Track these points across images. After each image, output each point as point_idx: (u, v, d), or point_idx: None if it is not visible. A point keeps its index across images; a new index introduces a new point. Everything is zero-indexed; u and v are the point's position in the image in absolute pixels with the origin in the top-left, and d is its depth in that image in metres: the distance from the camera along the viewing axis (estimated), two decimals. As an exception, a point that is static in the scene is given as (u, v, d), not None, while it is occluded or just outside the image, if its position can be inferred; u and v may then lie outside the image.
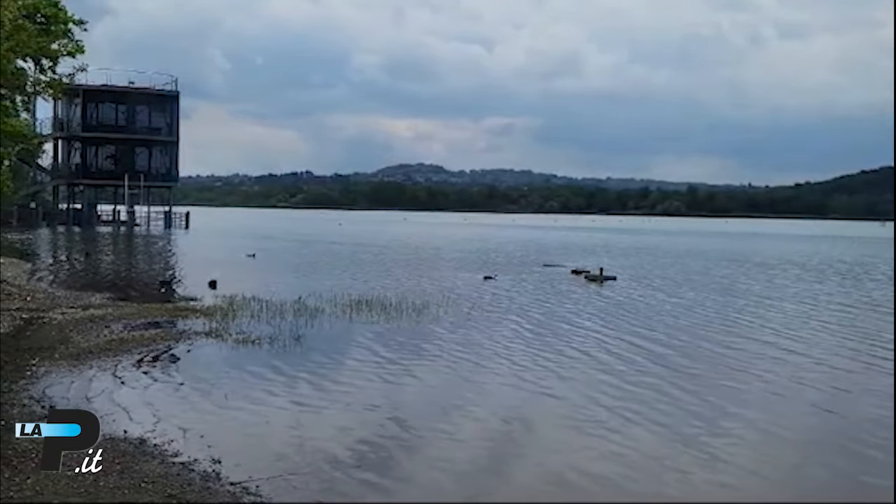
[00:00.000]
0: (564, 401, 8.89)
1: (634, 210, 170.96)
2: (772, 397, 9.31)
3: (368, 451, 6.83)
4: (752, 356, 11.86)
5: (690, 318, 15.98)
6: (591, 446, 7.21)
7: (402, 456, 6.81)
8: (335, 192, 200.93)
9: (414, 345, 11.96)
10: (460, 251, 38.06)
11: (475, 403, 8.65)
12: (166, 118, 57.83)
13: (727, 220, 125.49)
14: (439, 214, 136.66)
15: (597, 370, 10.52)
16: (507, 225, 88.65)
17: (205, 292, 17.70)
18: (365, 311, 15.20)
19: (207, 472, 5.95)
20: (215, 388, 8.88)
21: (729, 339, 13.39)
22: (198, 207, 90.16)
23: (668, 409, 8.46)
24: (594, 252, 38.16)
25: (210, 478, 5.83)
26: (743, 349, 12.52)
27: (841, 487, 6.45)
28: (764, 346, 12.83)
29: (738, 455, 7.02)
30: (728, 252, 41.62)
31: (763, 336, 13.81)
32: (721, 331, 14.33)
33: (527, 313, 15.99)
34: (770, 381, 10.12)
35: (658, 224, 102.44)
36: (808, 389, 9.77)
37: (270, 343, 11.67)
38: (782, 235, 70.28)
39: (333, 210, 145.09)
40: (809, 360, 11.53)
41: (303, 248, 38.12)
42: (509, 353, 11.54)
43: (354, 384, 9.33)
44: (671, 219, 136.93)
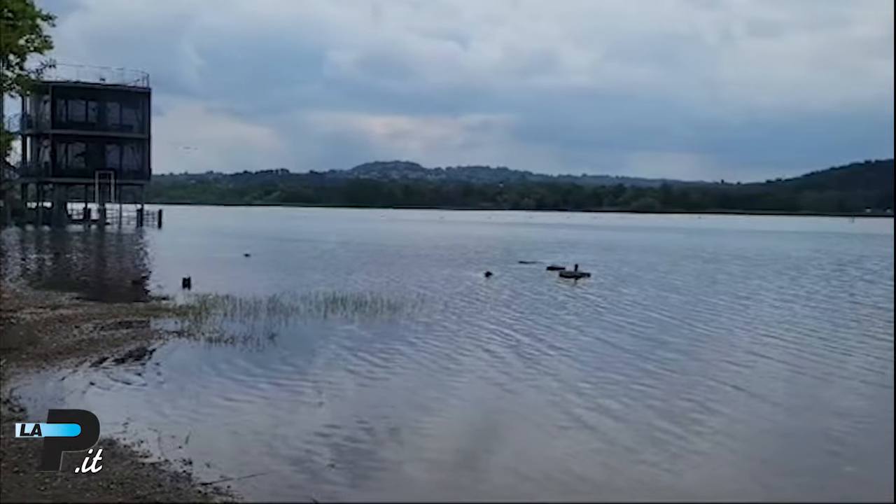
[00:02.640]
0: (539, 398, 8.92)
1: (609, 207, 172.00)
2: (743, 392, 9.41)
3: (342, 450, 6.79)
4: (723, 351, 12.01)
5: (664, 314, 16.10)
6: (566, 443, 7.25)
7: (376, 455, 6.78)
8: (311, 190, 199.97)
9: (388, 343, 11.92)
10: (436, 249, 38.05)
11: (449, 402, 8.66)
12: (138, 115, 57.05)
13: (700, 217, 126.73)
14: (415, 212, 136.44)
15: (571, 367, 10.58)
16: (482, 222, 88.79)
17: (177, 291, 17.50)
18: (340, 309, 15.14)
19: (178, 472, 5.89)
20: (187, 388, 8.79)
21: (699, 335, 13.56)
22: (171, 206, 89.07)
23: (643, 405, 8.53)
24: (569, 249, 38.34)
25: (180, 478, 5.77)
26: (713, 344, 12.68)
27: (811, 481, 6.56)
28: (733, 340, 13.00)
29: (711, 449, 7.12)
30: (698, 248, 42.06)
31: (733, 331, 14.00)
32: (692, 327, 14.46)
33: (502, 311, 16.02)
34: (742, 375, 10.24)
35: (633, 221, 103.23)
36: (779, 384, 9.93)
37: (244, 342, 11.57)
38: (752, 232, 71.15)
39: (309, 208, 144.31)
40: (780, 355, 11.69)
41: (278, 247, 37.88)
42: (483, 351, 11.57)
43: (328, 383, 9.28)
44: (645, 216, 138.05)
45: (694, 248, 42.42)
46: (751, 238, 57.79)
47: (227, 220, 78.99)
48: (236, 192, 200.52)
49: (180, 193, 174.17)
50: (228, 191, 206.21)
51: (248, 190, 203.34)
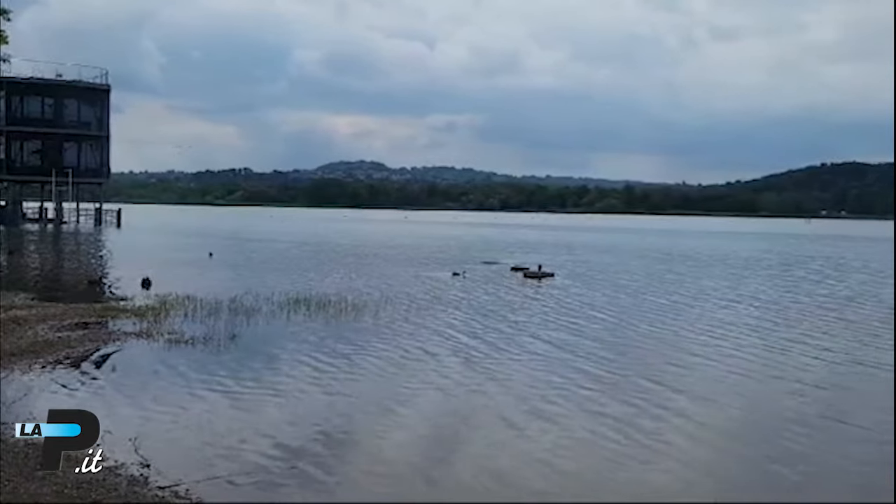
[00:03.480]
0: (503, 397, 8.95)
1: (573, 208, 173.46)
2: (705, 390, 9.58)
3: (304, 451, 6.74)
4: (683, 349, 12.20)
5: (626, 314, 16.31)
6: (530, 442, 7.29)
7: (338, 456, 6.75)
8: (274, 190, 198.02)
9: (352, 343, 11.86)
10: (400, 249, 37.97)
11: (413, 401, 8.65)
12: (96, 112, 55.91)
13: (662, 218, 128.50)
14: (380, 212, 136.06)
15: (535, 367, 10.65)
16: (447, 222, 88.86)
17: (136, 292, 17.20)
18: (303, 309, 15.02)
19: (135, 476, 5.78)
20: (145, 390, 8.64)
21: (661, 334, 13.75)
22: (131, 205, 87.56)
23: (605, 404, 8.61)
24: (534, 249, 38.57)
25: (137, 482, 5.66)
26: (674, 343, 12.87)
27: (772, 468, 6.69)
28: (694, 339, 13.20)
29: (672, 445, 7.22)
30: (657, 249, 42.64)
31: (694, 329, 14.21)
32: (654, 326, 14.66)
33: (466, 311, 16.05)
34: (706, 372, 10.43)
35: (596, 222, 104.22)
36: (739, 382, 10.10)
37: (204, 343, 11.42)
38: (711, 232, 72.33)
39: (273, 207, 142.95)
40: (740, 354, 11.90)
41: (242, 247, 37.45)
42: (448, 351, 11.57)
43: (290, 384, 9.21)
44: (609, 216, 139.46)
45: (653, 249, 43.00)
46: (709, 239, 58.76)
47: (189, 220, 77.79)
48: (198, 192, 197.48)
49: (140, 192, 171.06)
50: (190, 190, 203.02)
51: (210, 189, 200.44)
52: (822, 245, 50.74)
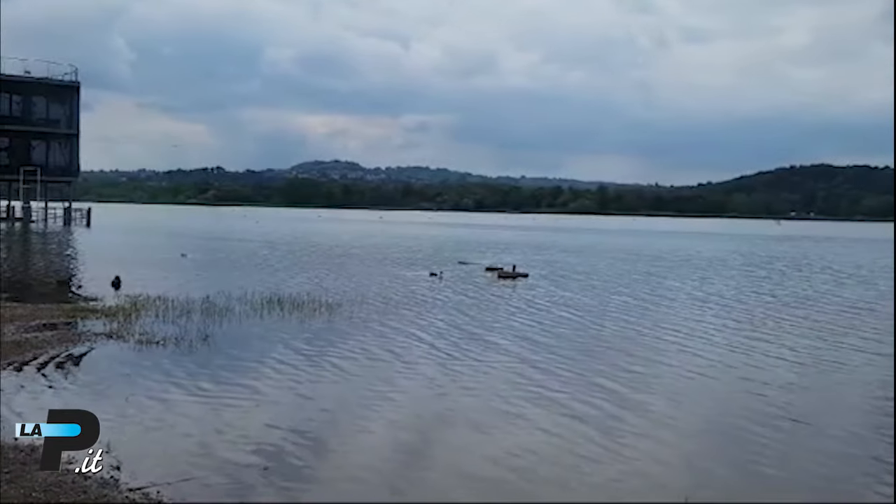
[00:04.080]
0: (476, 398, 8.99)
1: (548, 208, 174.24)
2: (674, 389, 9.70)
3: (277, 452, 6.71)
4: (649, 350, 12.34)
5: (596, 314, 16.44)
6: (501, 442, 7.32)
7: (312, 457, 6.72)
8: (247, 189, 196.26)
9: (325, 344, 11.82)
10: (375, 248, 37.90)
11: (387, 402, 8.63)
12: (66, 110, 54.97)
13: (634, 219, 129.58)
14: (355, 212, 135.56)
15: (507, 368, 10.69)
16: (422, 222, 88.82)
17: (107, 292, 16.98)
18: (276, 309, 14.94)
19: (105, 478, 5.70)
20: (116, 391, 8.54)
21: (629, 334, 13.88)
22: (101, 204, 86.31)
23: (575, 404, 8.68)
24: (508, 250, 38.71)
25: (107, 485, 5.59)
26: (644, 342, 13.00)
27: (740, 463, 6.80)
28: (663, 337, 13.36)
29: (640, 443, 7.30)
30: (630, 249, 43.02)
31: (659, 330, 14.36)
32: (622, 326, 14.80)
33: (439, 311, 16.07)
34: (672, 372, 10.56)
35: (570, 222, 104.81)
36: (707, 381, 10.25)
37: (176, 343, 11.31)
38: (682, 233, 73.10)
39: (246, 207, 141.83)
40: (708, 354, 12.07)
41: (215, 246, 37.10)
42: (422, 351, 11.59)
43: (263, 385, 9.16)
44: (582, 217, 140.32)
45: (624, 249, 43.35)
46: (679, 239, 59.38)
47: (161, 219, 76.90)
48: (169, 191, 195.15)
49: (111, 191, 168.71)
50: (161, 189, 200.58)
51: (182, 188, 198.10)
52: (789, 246, 51.59)
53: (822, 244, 55.58)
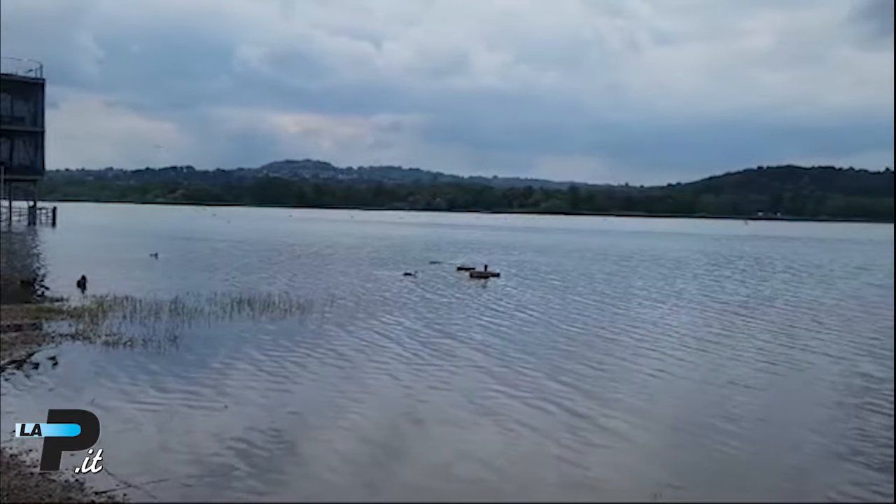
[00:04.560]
0: (447, 397, 9.01)
1: (519, 208, 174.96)
2: (641, 388, 9.79)
3: (247, 454, 6.65)
4: (619, 349, 12.45)
5: (565, 313, 16.53)
6: (473, 440, 7.35)
7: (281, 458, 6.67)
8: (218, 188, 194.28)
9: (296, 345, 11.75)
10: (347, 248, 37.74)
11: (358, 403, 8.59)
12: (30, 107, 53.85)
13: (605, 219, 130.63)
14: (326, 211, 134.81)
15: (479, 366, 10.73)
16: (394, 222, 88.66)
17: (72, 292, 16.69)
18: (247, 310, 14.82)
19: (70, 481, 5.60)
20: (82, 393, 8.41)
21: (599, 333, 13.99)
22: (67, 203, 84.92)
23: (546, 402, 8.74)
24: (480, 249, 38.80)
25: (72, 488, 5.50)
26: (611, 342, 13.10)
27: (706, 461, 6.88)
28: (633, 335, 13.49)
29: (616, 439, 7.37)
30: (601, 249, 43.39)
31: (632, 326, 14.53)
32: (591, 325, 14.90)
33: (412, 311, 16.06)
34: (638, 371, 10.65)
35: (541, 222, 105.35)
36: (673, 380, 10.37)
37: (144, 345, 11.16)
38: (651, 233, 73.90)
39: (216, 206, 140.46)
40: (672, 354, 12.21)
41: (182, 246, 36.64)
42: (394, 352, 11.56)
43: (233, 386, 9.07)
44: (554, 217, 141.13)
45: (595, 249, 43.69)
46: (648, 239, 59.98)
47: (128, 219, 75.83)
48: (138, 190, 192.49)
49: (77, 190, 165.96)
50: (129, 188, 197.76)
51: (150, 187, 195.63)
52: (753, 246, 52.33)
53: (786, 244, 56.49)
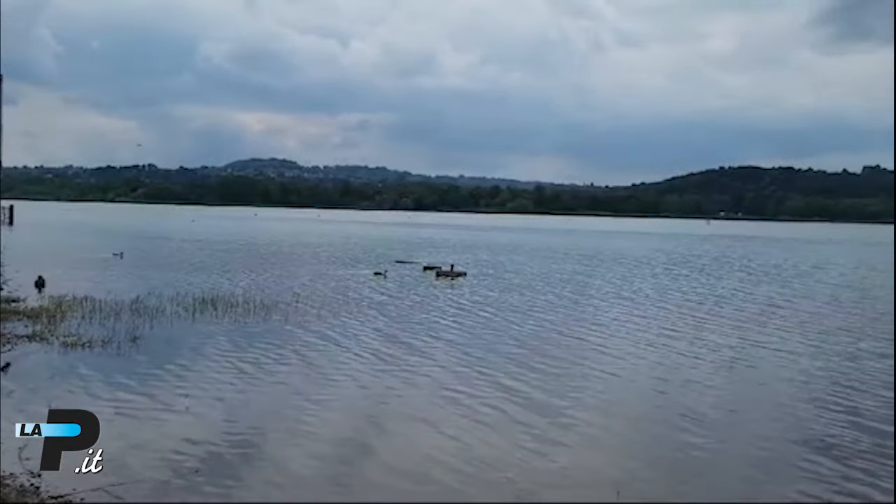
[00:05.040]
0: (412, 398, 9.01)
1: (486, 208, 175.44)
2: (606, 383, 9.91)
3: (208, 455, 6.59)
4: (584, 346, 12.59)
5: (533, 312, 16.65)
6: (437, 439, 7.36)
7: (243, 459, 6.62)
8: (181, 187, 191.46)
9: (259, 345, 11.64)
10: (313, 247, 37.48)
11: (320, 404, 8.55)
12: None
13: (571, 218, 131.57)
14: (292, 210, 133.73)
15: (443, 366, 10.76)
16: (361, 221, 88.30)
17: (30, 292, 16.31)
18: (210, 310, 14.66)
19: (25, 486, 5.50)
20: (37, 395, 8.23)
21: (561, 332, 14.11)
22: (25, 201, 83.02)
23: (510, 400, 8.81)
24: (446, 249, 38.84)
25: (27, 492, 5.40)
26: (575, 339, 13.23)
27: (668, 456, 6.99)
28: (592, 334, 13.64)
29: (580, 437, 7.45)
30: (565, 248, 43.72)
31: (591, 326, 14.70)
32: (554, 324, 15.05)
33: (378, 311, 16.02)
34: (602, 367, 10.77)
35: (508, 221, 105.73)
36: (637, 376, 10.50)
37: (103, 345, 10.98)
38: (615, 232, 74.64)
39: (179, 205, 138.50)
40: (631, 352, 12.37)
41: (144, 245, 36.04)
42: (359, 351, 11.53)
43: (194, 388, 8.96)
44: (520, 216, 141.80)
45: (559, 248, 44.02)
46: (611, 239, 60.58)
47: (89, 217, 74.33)
48: (99, 188, 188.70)
49: (36, 188, 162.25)
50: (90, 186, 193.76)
51: (111, 186, 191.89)
52: (714, 245, 53.15)
53: (745, 243, 57.45)
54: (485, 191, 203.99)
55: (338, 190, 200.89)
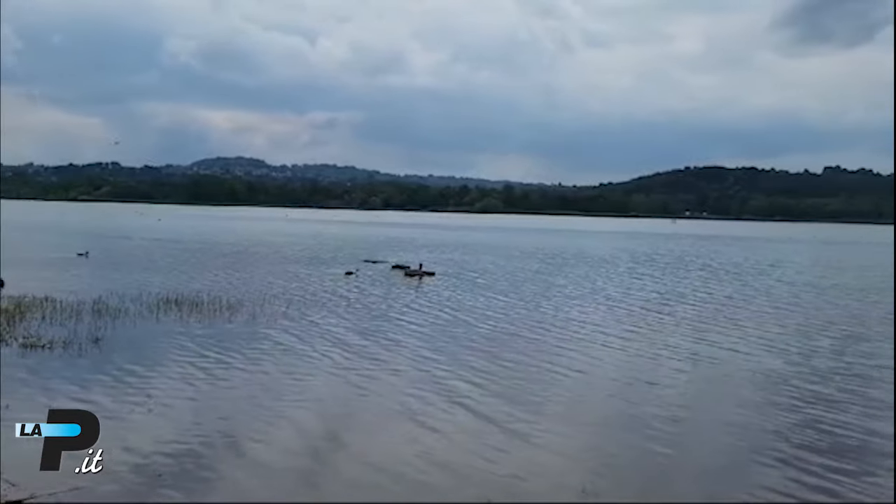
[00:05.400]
0: (376, 399, 9.03)
1: (455, 207, 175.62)
2: (573, 384, 10.01)
3: (170, 458, 6.53)
4: (547, 345, 12.70)
5: (500, 312, 16.72)
6: (403, 440, 7.39)
7: (205, 462, 6.58)
8: (145, 185, 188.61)
9: (225, 344, 11.55)
10: (282, 247, 37.17)
11: (289, 402, 8.54)
12: (-58, 99, 51.32)
13: (539, 217, 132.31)
14: (260, 209, 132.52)
15: (409, 365, 10.80)
16: (330, 220, 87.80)
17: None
18: (174, 310, 14.49)
19: (-20, 491, 5.40)
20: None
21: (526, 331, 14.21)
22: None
23: (477, 399, 8.87)
24: (415, 248, 38.81)
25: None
26: (538, 339, 13.33)
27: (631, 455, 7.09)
28: (555, 334, 13.77)
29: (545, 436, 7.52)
30: (533, 247, 43.94)
31: (554, 325, 14.82)
32: (519, 323, 15.13)
33: (345, 310, 15.97)
34: (570, 368, 10.88)
35: (476, 221, 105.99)
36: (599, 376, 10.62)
37: (64, 347, 10.80)
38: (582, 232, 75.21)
39: (143, 204, 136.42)
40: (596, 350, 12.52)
41: (109, 245, 35.43)
42: (326, 351, 11.50)
43: (158, 388, 8.87)
44: (489, 216, 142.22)
45: (527, 248, 44.22)
46: (578, 238, 60.96)
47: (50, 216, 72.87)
48: (61, 187, 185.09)
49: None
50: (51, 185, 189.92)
51: (74, 184, 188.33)
52: (677, 244, 53.83)
53: (708, 242, 58.24)
54: (454, 190, 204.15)
55: (306, 189, 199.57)
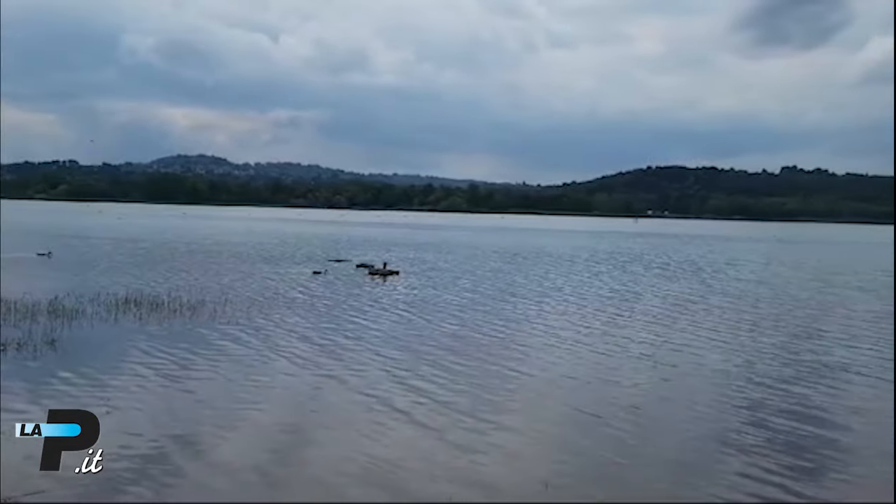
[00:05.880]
0: (341, 396, 9.03)
1: (420, 206, 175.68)
2: (533, 382, 10.13)
3: (128, 462, 6.46)
4: (508, 344, 12.81)
5: (461, 310, 16.79)
6: (367, 439, 7.40)
7: (168, 464, 6.53)
8: (104, 184, 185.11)
9: (186, 345, 11.44)
10: (243, 247, 36.80)
11: (245, 407, 8.48)
12: None
13: (503, 217, 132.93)
14: (223, 209, 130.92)
15: (373, 364, 10.79)
16: (293, 219, 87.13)
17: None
18: (133, 310, 14.30)
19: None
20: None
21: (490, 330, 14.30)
22: (-67, 198, 78.55)
23: (440, 398, 8.93)
24: (379, 247, 38.75)
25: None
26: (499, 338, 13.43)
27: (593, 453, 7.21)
28: (527, 334, 13.90)
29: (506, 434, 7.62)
30: (497, 246, 44.20)
31: (521, 324, 14.97)
32: (482, 322, 15.21)
33: (306, 310, 15.91)
34: (532, 366, 11.00)
35: (441, 220, 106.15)
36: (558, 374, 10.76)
37: (18, 349, 10.60)
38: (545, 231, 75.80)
39: (102, 203, 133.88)
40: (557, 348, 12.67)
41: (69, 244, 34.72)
42: (289, 351, 11.45)
43: (116, 390, 8.76)
44: (453, 215, 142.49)
45: (491, 247, 44.47)
46: (539, 237, 61.34)
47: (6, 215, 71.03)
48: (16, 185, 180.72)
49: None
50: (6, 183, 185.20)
51: (30, 182, 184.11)
52: (637, 243, 54.51)
53: (668, 241, 59.08)
54: (418, 189, 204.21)
55: (269, 188, 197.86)
